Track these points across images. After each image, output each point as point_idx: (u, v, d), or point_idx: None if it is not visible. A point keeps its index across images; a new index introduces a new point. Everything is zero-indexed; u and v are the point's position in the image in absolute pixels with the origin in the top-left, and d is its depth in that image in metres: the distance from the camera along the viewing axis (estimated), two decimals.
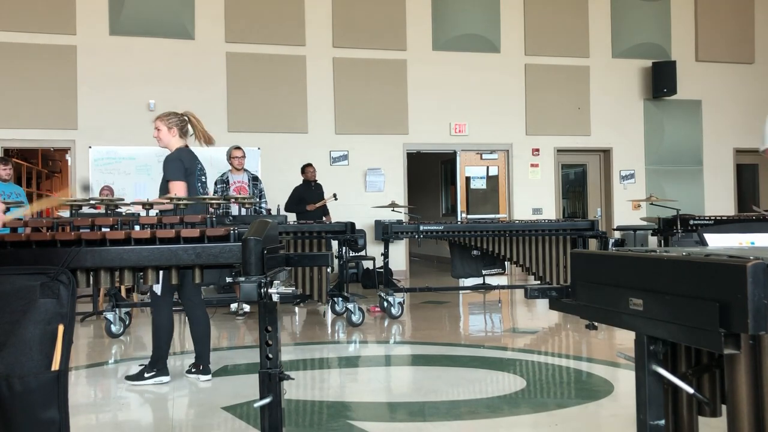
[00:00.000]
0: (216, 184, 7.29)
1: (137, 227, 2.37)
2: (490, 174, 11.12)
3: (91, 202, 3.55)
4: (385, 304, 6.67)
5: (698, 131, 11.66)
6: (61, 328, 1.90)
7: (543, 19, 10.99)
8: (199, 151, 4.87)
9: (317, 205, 8.79)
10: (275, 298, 1.97)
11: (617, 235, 9.51)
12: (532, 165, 11.06)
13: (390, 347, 5.56)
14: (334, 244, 6.70)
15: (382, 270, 7.54)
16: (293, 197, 8.85)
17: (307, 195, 8.90)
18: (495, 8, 10.87)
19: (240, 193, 7.12)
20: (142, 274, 2.23)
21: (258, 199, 7.19)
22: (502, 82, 10.85)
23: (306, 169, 9.10)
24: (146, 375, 4.19)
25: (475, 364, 4.78)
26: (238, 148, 7.28)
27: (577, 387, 4.09)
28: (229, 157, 7.25)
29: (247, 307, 6.90)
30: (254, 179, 7.38)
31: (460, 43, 10.70)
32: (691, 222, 7.39)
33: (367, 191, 10.26)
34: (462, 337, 5.89)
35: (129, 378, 4.24)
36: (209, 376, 4.29)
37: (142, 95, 9.47)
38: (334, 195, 8.94)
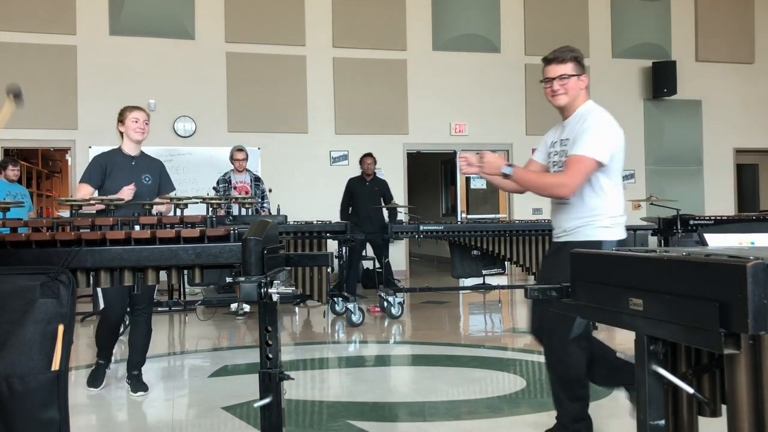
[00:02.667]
0: (218, 183, 7.28)
1: (137, 227, 2.37)
2: None
3: (91, 202, 3.56)
4: (385, 304, 6.67)
5: (698, 131, 11.66)
6: (61, 328, 1.89)
7: (543, 19, 10.98)
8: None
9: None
10: (275, 298, 1.97)
11: None
12: None
13: (390, 347, 5.56)
14: (334, 244, 6.68)
15: (380, 270, 7.55)
16: (344, 194, 7.88)
17: (358, 191, 7.78)
18: (495, 8, 10.87)
19: (240, 194, 7.11)
20: (142, 274, 2.23)
21: (260, 200, 7.18)
22: (502, 82, 10.84)
23: (362, 160, 7.92)
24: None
25: (475, 364, 4.77)
26: (241, 149, 7.25)
27: None
28: (231, 158, 7.24)
29: (247, 307, 6.90)
30: (256, 180, 7.37)
31: (460, 43, 10.70)
32: (691, 222, 7.39)
33: None
34: (462, 337, 5.89)
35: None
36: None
37: (142, 95, 9.44)
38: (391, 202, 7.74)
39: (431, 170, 14.01)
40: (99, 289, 5.73)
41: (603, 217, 2.81)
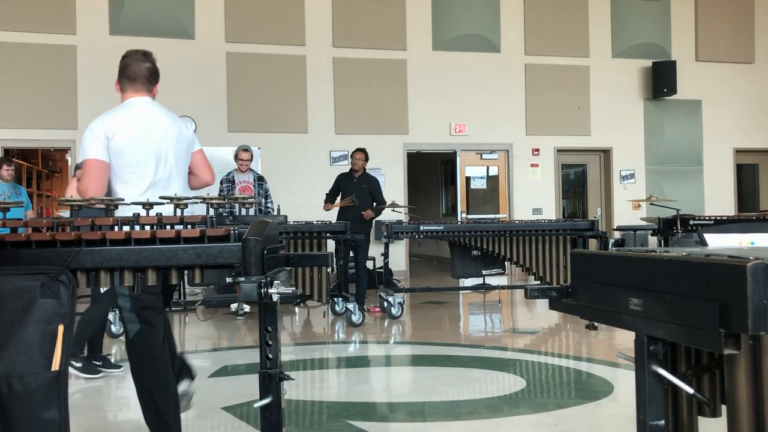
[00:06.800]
0: (221, 183, 7.27)
1: (137, 227, 2.36)
2: (490, 174, 11.12)
3: (91, 202, 3.55)
4: (385, 304, 6.67)
5: (698, 131, 11.66)
6: (61, 328, 1.89)
7: (543, 19, 10.98)
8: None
9: (333, 205, 7.27)
10: (275, 298, 1.97)
11: (617, 235, 9.51)
12: (532, 165, 11.06)
13: (390, 347, 5.56)
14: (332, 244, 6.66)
15: (381, 270, 7.53)
16: (331, 189, 7.53)
17: (345, 186, 7.39)
18: (495, 8, 10.87)
19: (243, 193, 7.11)
20: (141, 274, 2.23)
21: (264, 200, 7.17)
22: (502, 82, 10.84)
23: (352, 155, 7.60)
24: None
25: (475, 364, 4.77)
26: (246, 150, 7.20)
27: (577, 387, 4.09)
28: (236, 157, 7.22)
29: (247, 307, 6.90)
30: (260, 179, 7.35)
31: (460, 43, 10.69)
32: (691, 222, 7.39)
33: None
34: (462, 337, 5.89)
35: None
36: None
37: None
38: (352, 199, 7.28)
39: (431, 170, 14.01)
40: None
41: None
